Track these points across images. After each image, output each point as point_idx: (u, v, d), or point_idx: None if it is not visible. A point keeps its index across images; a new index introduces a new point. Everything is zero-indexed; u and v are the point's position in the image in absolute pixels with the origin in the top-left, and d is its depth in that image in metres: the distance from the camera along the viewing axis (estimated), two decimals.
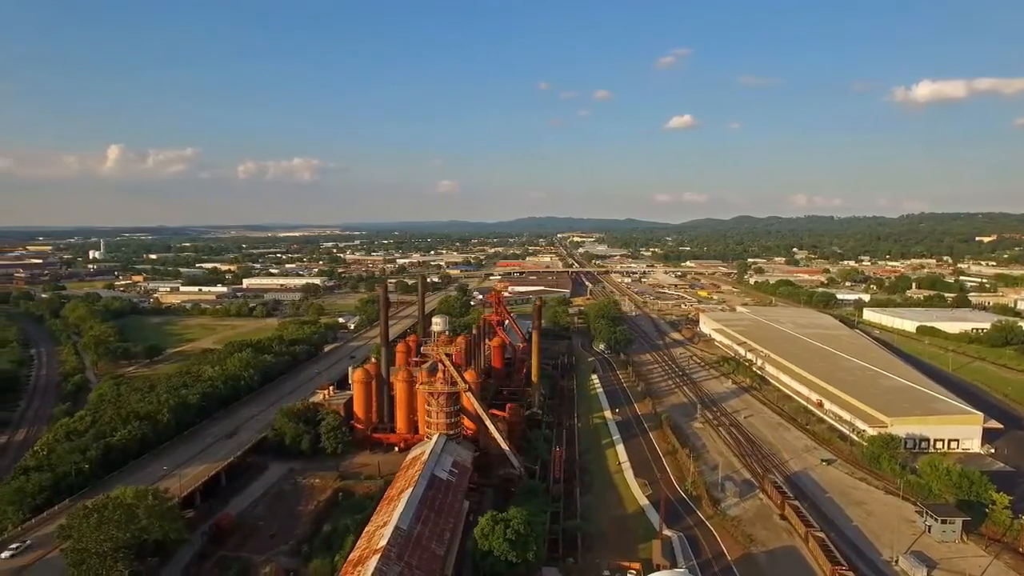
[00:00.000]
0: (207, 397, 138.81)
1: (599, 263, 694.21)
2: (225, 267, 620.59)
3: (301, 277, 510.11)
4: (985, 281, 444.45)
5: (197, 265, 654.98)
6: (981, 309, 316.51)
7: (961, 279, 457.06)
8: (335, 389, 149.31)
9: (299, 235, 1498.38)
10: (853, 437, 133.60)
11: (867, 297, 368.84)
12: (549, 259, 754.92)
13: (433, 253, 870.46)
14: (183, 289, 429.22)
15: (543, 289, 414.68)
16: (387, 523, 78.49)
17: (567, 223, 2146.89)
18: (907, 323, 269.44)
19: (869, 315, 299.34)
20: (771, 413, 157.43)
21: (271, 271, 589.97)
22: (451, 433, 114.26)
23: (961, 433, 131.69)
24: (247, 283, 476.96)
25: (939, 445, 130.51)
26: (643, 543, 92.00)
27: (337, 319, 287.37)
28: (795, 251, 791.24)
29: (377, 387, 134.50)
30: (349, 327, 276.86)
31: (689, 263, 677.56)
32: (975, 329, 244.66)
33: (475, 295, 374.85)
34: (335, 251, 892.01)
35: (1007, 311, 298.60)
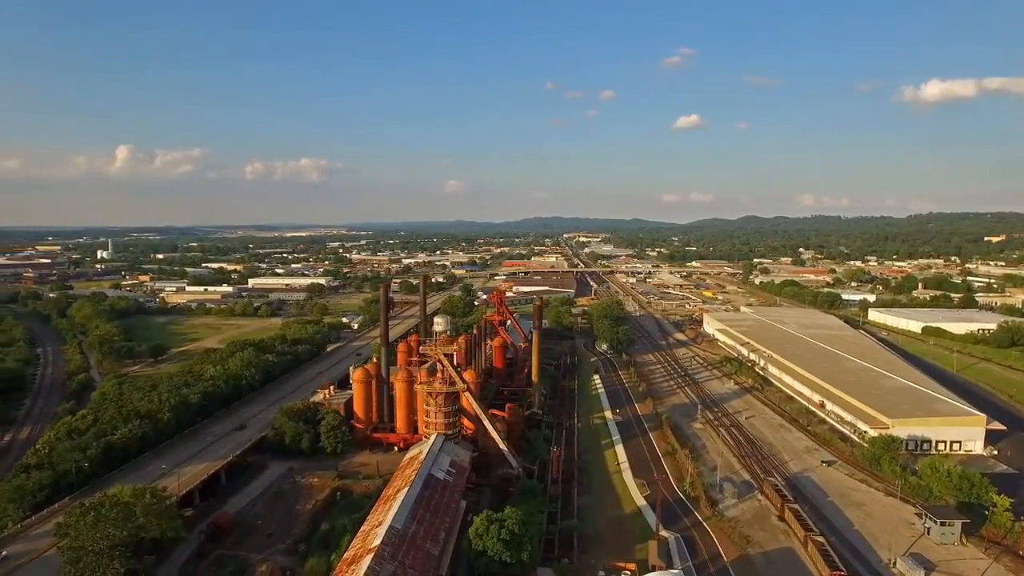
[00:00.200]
0: (208, 396, 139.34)
1: (604, 263, 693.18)
2: (231, 267, 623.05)
3: (306, 277, 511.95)
4: (993, 281, 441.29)
5: (203, 265, 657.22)
6: (988, 310, 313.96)
7: (968, 279, 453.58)
8: (336, 389, 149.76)
9: (306, 235, 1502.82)
10: (854, 438, 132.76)
11: (872, 297, 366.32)
12: (554, 259, 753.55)
13: (439, 253, 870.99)
14: (189, 289, 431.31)
15: (548, 289, 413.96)
16: (382, 523, 78.72)
17: (573, 223, 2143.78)
18: (912, 323, 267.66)
19: (874, 315, 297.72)
20: (772, 414, 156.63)
21: (277, 271, 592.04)
22: (449, 433, 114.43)
23: (963, 435, 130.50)
24: (252, 283, 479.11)
25: (941, 447, 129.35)
26: (640, 544, 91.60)
27: (341, 319, 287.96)
28: (801, 251, 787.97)
29: (377, 387, 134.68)
30: (353, 327, 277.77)
31: (695, 263, 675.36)
32: (981, 330, 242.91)
33: (479, 295, 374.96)
34: (341, 251, 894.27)
35: (1014, 312, 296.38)
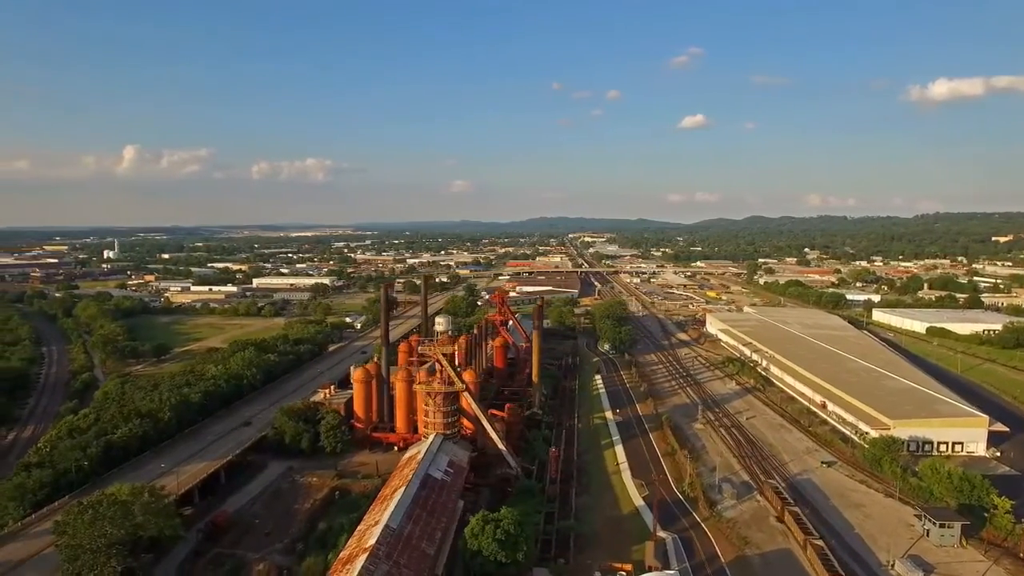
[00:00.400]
0: (209, 396, 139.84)
1: (609, 263, 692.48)
2: (236, 267, 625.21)
3: (311, 277, 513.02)
4: (999, 282, 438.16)
5: (209, 265, 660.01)
6: (994, 310, 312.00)
7: (975, 279, 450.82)
8: (336, 388, 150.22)
9: (312, 235, 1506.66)
10: (855, 439, 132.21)
11: (877, 298, 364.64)
12: (559, 259, 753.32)
13: (444, 253, 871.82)
14: (193, 289, 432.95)
15: (551, 289, 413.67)
16: (378, 522, 78.90)
17: (578, 223, 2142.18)
18: (917, 324, 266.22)
19: (878, 316, 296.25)
20: (773, 414, 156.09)
21: (282, 271, 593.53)
22: (448, 433, 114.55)
23: (966, 436, 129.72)
24: (257, 283, 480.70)
25: (943, 448, 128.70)
26: (637, 544, 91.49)
27: (344, 319, 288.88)
28: (807, 251, 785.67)
29: (377, 387, 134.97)
30: (356, 327, 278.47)
31: (699, 263, 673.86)
32: (986, 330, 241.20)
33: (482, 295, 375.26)
34: (346, 251, 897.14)
35: (1020, 312, 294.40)
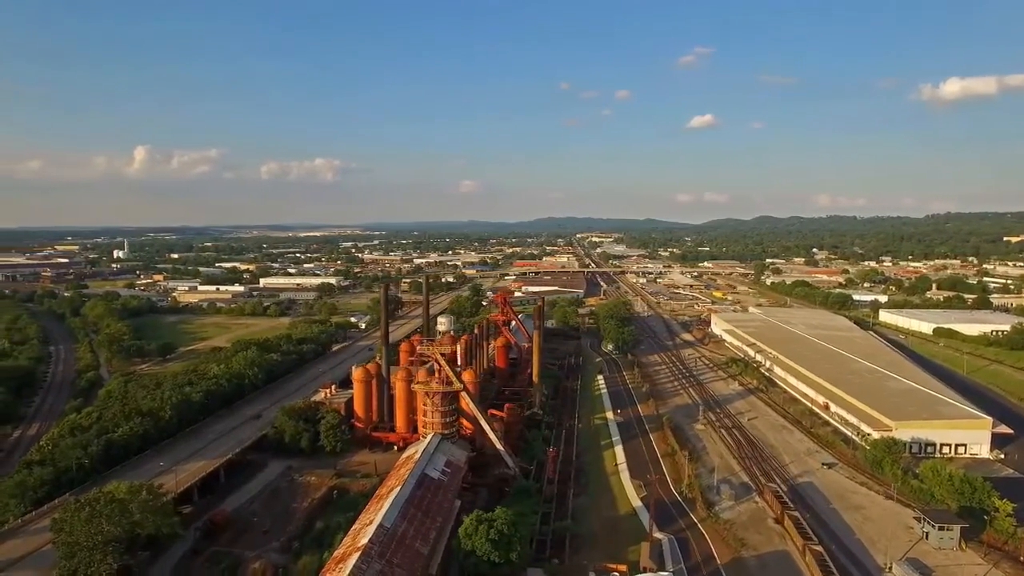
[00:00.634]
0: (210, 395, 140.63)
1: (615, 263, 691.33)
2: (244, 267, 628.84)
3: (317, 276, 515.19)
4: (1009, 282, 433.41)
5: (217, 265, 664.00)
6: (1003, 311, 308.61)
7: (984, 280, 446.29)
8: (337, 388, 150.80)
9: (320, 235, 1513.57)
10: (857, 440, 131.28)
11: (884, 298, 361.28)
12: (566, 259, 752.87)
13: (451, 253, 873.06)
14: (201, 288, 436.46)
15: (557, 289, 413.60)
16: (372, 521, 79.15)
17: (586, 223, 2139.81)
18: (924, 325, 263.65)
19: (885, 316, 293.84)
20: (775, 415, 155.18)
21: (289, 271, 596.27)
22: (446, 433, 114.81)
23: (969, 438, 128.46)
24: (264, 282, 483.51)
25: (945, 450, 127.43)
26: (633, 545, 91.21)
27: (348, 318, 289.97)
28: (815, 252, 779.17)
29: (378, 386, 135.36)
30: (360, 326, 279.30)
31: (707, 263, 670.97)
32: (994, 331, 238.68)
33: (488, 295, 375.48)
34: (354, 251, 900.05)
35: None
